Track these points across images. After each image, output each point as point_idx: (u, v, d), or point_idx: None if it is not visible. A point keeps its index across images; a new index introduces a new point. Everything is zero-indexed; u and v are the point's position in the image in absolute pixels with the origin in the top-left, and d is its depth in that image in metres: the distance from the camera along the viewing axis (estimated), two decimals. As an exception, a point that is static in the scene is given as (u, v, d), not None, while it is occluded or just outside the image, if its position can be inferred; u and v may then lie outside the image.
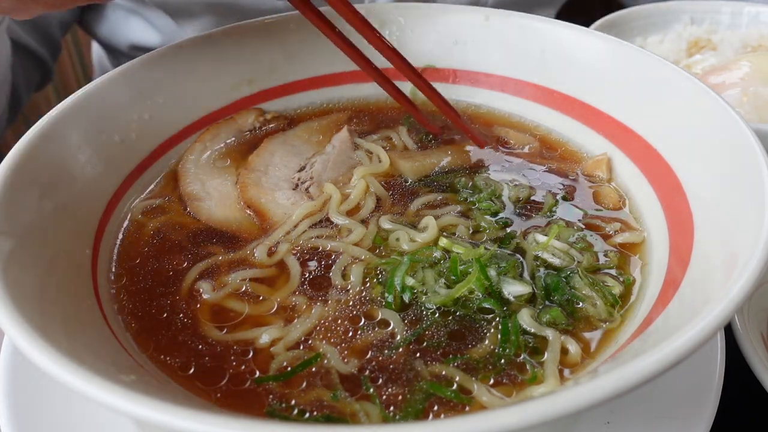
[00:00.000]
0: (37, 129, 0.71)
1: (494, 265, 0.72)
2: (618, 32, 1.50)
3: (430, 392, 0.60)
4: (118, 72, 0.85)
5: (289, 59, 1.01)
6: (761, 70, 1.21)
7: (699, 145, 0.73)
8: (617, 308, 0.69)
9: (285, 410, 0.59)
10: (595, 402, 0.41)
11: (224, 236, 0.80)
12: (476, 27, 0.99)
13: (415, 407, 0.59)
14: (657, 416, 0.67)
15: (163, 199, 0.86)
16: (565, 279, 0.71)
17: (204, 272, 0.75)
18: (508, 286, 0.70)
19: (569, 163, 0.91)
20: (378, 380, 0.62)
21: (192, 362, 0.64)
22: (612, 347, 0.64)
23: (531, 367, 0.63)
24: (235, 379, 0.62)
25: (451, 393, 0.60)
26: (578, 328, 0.67)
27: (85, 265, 0.70)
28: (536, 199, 0.85)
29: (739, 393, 0.74)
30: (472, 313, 0.68)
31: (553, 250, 0.75)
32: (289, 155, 0.94)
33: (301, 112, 1.04)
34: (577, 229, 0.79)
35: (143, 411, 0.42)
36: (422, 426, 0.41)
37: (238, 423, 0.41)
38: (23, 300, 0.52)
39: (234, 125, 0.98)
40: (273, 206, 0.84)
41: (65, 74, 2.97)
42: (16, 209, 0.63)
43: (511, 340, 0.65)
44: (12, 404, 0.68)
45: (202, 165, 0.91)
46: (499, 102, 1.01)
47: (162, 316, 0.70)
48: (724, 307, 0.47)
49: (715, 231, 0.64)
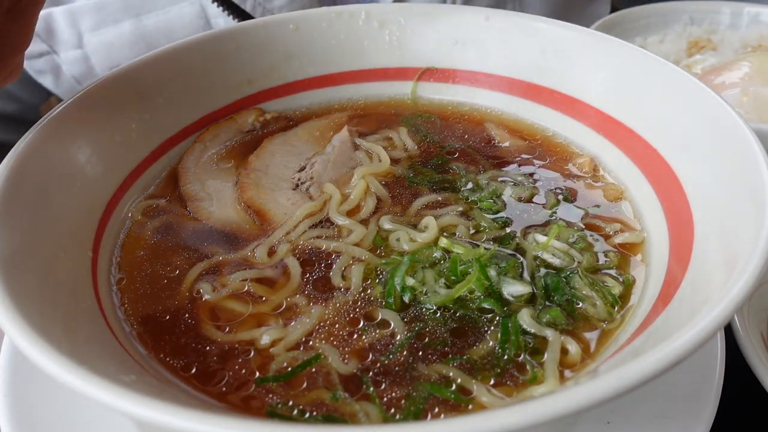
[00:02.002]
0: (37, 129, 0.71)
1: (494, 265, 0.72)
2: (618, 32, 1.50)
3: (430, 392, 0.60)
4: (119, 72, 0.85)
5: (289, 59, 1.01)
6: (761, 70, 1.21)
7: (699, 145, 0.73)
8: (617, 308, 0.69)
9: (285, 410, 0.59)
10: (595, 402, 0.41)
11: (224, 236, 0.80)
12: (476, 27, 0.99)
13: (415, 407, 0.59)
14: (657, 416, 0.67)
15: (163, 199, 0.86)
16: (565, 279, 0.71)
17: (204, 272, 0.75)
18: (508, 286, 0.70)
19: (569, 164, 0.91)
20: (378, 380, 0.62)
21: (192, 362, 0.64)
22: (612, 347, 0.64)
23: (531, 368, 0.63)
24: (236, 380, 0.62)
25: (451, 393, 0.60)
26: (578, 328, 0.67)
27: (85, 265, 0.70)
28: (537, 199, 0.85)
29: (739, 393, 0.74)
30: (472, 313, 0.68)
31: (553, 250, 0.75)
32: (289, 155, 0.94)
33: (301, 112, 1.04)
34: (577, 229, 0.79)
35: (143, 411, 0.42)
36: (422, 426, 0.41)
37: (238, 423, 0.41)
38: (23, 300, 0.52)
39: (234, 125, 0.98)
40: (273, 206, 0.84)
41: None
42: (16, 209, 0.63)
43: (512, 340, 0.65)
44: (12, 404, 0.68)
45: (202, 165, 0.91)
46: (499, 102, 1.01)
47: (162, 317, 0.70)
48: (724, 307, 0.47)
49: (715, 231, 0.64)
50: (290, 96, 1.03)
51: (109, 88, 0.83)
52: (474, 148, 0.96)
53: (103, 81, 0.83)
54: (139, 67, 0.87)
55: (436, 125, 1.01)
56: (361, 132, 1.00)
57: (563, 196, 0.85)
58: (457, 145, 0.96)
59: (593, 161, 0.90)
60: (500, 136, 0.97)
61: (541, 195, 0.86)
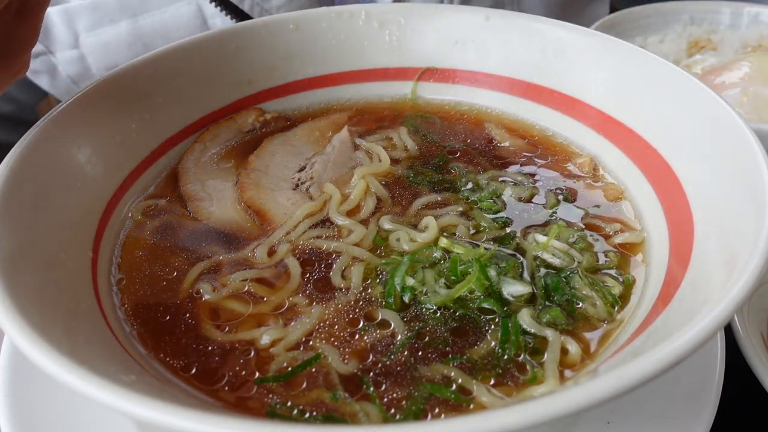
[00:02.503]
0: (37, 129, 0.71)
1: (494, 265, 0.72)
2: (618, 32, 1.50)
3: (431, 392, 0.60)
4: (119, 72, 0.85)
5: (289, 59, 1.01)
6: (761, 70, 1.21)
7: (699, 145, 0.73)
8: (617, 308, 0.69)
9: (285, 410, 0.59)
10: (595, 402, 0.41)
11: (224, 236, 0.80)
12: (476, 27, 0.99)
13: (416, 407, 0.59)
14: (657, 416, 0.67)
15: (163, 199, 0.86)
16: (565, 279, 0.71)
17: (204, 272, 0.75)
18: (508, 287, 0.70)
19: (569, 164, 0.91)
20: (378, 381, 0.62)
21: (192, 362, 0.64)
22: (612, 347, 0.64)
23: (531, 368, 0.63)
24: (236, 380, 0.62)
25: (451, 393, 0.60)
26: (578, 328, 0.67)
27: (85, 265, 0.70)
28: (537, 199, 0.85)
29: (739, 393, 0.74)
30: (472, 313, 0.68)
31: (553, 250, 0.75)
32: (289, 155, 0.94)
33: (301, 112, 1.04)
34: (577, 229, 0.79)
35: (143, 411, 0.42)
36: (422, 426, 0.41)
37: (238, 423, 0.41)
38: (23, 300, 0.52)
39: (234, 125, 0.98)
40: (273, 206, 0.84)
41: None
42: (17, 209, 0.63)
43: (512, 340, 0.65)
44: (12, 404, 0.68)
45: (202, 165, 0.91)
46: (499, 102, 1.01)
47: (162, 317, 0.70)
48: (724, 307, 0.47)
49: (715, 231, 0.64)
50: (290, 96, 1.03)
51: (109, 89, 0.83)
52: (474, 148, 0.96)
53: (103, 81, 0.83)
54: (139, 67, 0.87)
55: (436, 125, 1.01)
56: (361, 132, 1.00)
57: (563, 196, 0.85)
58: (457, 145, 0.96)
59: (593, 161, 0.90)
60: (500, 135, 0.97)
61: (541, 195, 0.86)
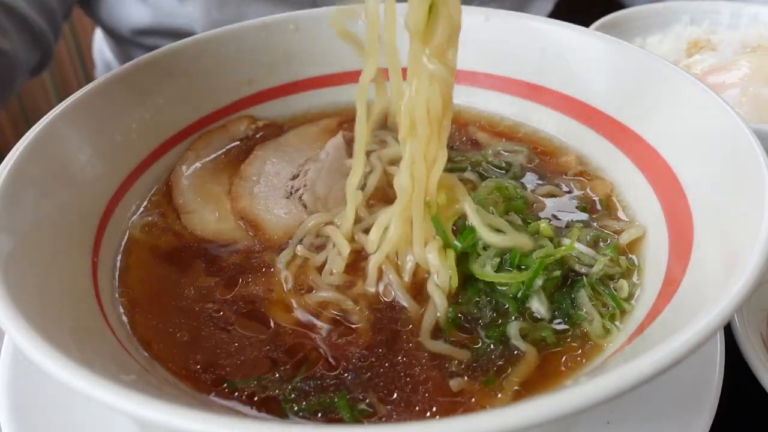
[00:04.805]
0: (37, 129, 0.71)
1: (543, 274, 0.69)
2: (618, 32, 1.50)
3: (431, 392, 0.61)
4: (119, 72, 0.85)
5: (289, 59, 1.01)
6: (761, 70, 1.21)
7: (699, 145, 0.73)
8: (619, 319, 0.68)
9: (285, 410, 0.59)
10: (595, 402, 0.41)
11: (218, 246, 0.80)
12: (476, 27, 0.99)
13: (415, 407, 0.59)
14: (657, 416, 0.67)
15: (164, 200, 0.86)
16: (571, 298, 0.70)
17: (204, 272, 0.75)
18: (535, 302, 0.68)
19: (569, 164, 0.91)
20: (377, 380, 0.62)
21: (192, 362, 0.64)
22: (611, 348, 0.64)
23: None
24: (236, 379, 0.62)
25: (451, 393, 0.60)
26: (568, 348, 0.66)
27: (85, 265, 0.70)
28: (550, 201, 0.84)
29: (739, 393, 0.74)
30: (483, 303, 0.68)
31: (579, 254, 0.73)
32: (281, 163, 0.92)
33: (299, 114, 1.03)
34: (593, 229, 0.78)
35: (143, 411, 0.42)
36: (422, 426, 0.41)
37: (238, 423, 0.41)
38: (23, 300, 0.52)
39: (226, 133, 0.96)
40: (266, 216, 0.82)
41: (64, 69, 2.96)
42: (17, 209, 0.63)
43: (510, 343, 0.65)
44: (12, 404, 0.68)
45: (193, 175, 0.90)
46: (499, 102, 1.01)
47: (163, 316, 0.70)
48: (723, 307, 0.47)
49: (715, 231, 0.64)
50: (290, 96, 1.03)
51: (109, 88, 0.83)
52: (473, 149, 0.96)
53: (103, 81, 0.82)
54: (139, 67, 0.87)
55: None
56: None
57: (578, 205, 0.84)
58: (457, 144, 0.96)
59: (593, 161, 0.89)
60: (498, 135, 0.97)
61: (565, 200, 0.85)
